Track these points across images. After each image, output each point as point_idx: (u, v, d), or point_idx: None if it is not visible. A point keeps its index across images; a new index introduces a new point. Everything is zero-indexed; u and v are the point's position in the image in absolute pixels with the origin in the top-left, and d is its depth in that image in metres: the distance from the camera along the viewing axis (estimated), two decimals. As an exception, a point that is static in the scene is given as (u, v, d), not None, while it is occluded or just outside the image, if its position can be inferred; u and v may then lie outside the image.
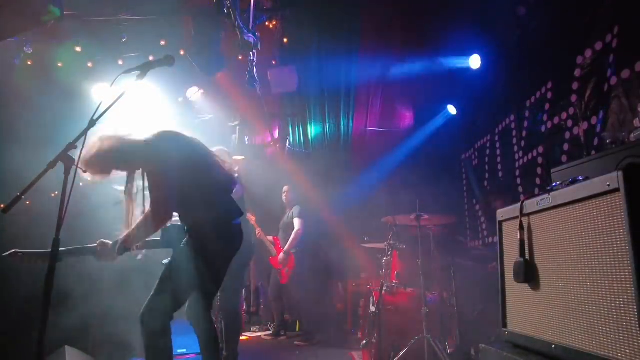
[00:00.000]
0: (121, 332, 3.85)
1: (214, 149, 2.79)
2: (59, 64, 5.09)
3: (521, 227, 1.66)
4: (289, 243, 5.05)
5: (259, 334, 5.70)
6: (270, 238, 5.27)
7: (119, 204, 2.41)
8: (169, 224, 2.30)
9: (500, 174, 4.68)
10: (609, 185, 1.24)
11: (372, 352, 3.53)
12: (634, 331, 1.14)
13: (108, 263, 2.26)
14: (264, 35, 5.58)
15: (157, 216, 2.16)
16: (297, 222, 5.13)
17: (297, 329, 5.60)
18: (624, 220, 1.19)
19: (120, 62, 5.14)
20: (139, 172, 2.29)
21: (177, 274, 2.24)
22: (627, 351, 1.16)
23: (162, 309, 2.19)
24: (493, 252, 3.10)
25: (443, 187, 5.97)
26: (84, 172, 2.10)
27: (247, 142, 6.88)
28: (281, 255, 5.06)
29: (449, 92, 5.67)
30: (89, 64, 5.20)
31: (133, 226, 2.20)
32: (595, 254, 1.30)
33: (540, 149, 3.79)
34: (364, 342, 3.81)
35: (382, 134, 6.88)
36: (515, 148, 4.29)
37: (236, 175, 2.92)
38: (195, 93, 5.86)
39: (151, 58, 4.77)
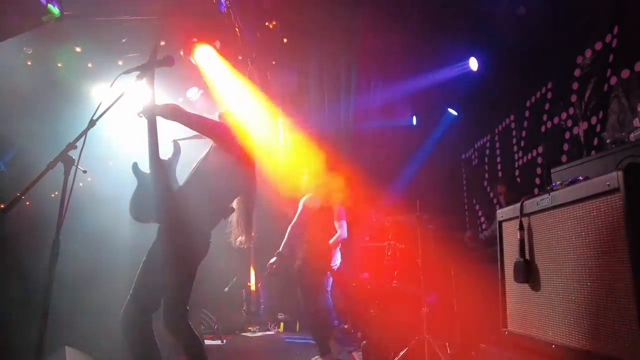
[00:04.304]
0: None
1: None
2: (59, 64, 5.09)
3: (521, 227, 1.66)
4: (329, 244, 4.98)
5: (259, 334, 5.70)
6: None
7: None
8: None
9: (500, 174, 4.68)
10: (609, 185, 1.24)
11: (372, 352, 3.53)
12: (634, 331, 1.14)
13: (143, 113, 2.28)
14: (264, 35, 5.59)
15: (195, 115, 2.31)
16: (339, 225, 5.01)
17: (298, 329, 5.60)
18: (623, 220, 1.19)
19: (121, 63, 5.14)
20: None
21: (150, 275, 2.19)
22: (627, 351, 1.16)
23: (138, 311, 2.14)
24: (493, 251, 3.10)
25: (443, 187, 5.98)
26: (84, 172, 2.10)
27: None
28: None
29: (449, 93, 5.67)
30: (89, 64, 5.20)
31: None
32: (595, 254, 1.30)
33: (540, 149, 3.79)
34: (364, 342, 3.81)
35: (383, 133, 6.87)
36: (515, 148, 4.30)
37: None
38: (195, 93, 5.86)
39: (151, 58, 4.76)
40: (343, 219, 5.06)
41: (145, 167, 2.36)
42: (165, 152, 2.42)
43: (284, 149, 6.60)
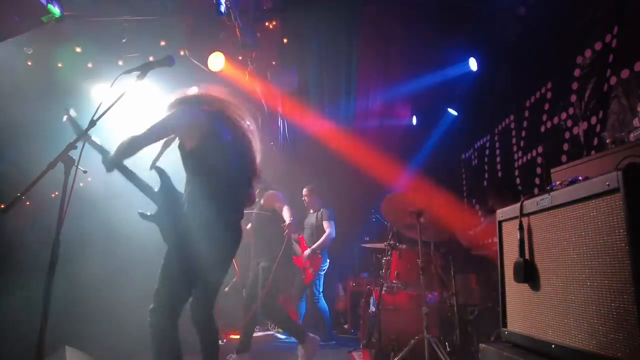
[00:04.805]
0: (121, 331, 3.86)
1: None
2: (59, 64, 5.09)
3: (521, 227, 1.66)
4: (318, 243, 5.03)
5: (259, 333, 5.70)
6: (294, 236, 5.10)
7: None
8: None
9: (500, 174, 4.69)
10: (608, 185, 1.24)
11: (372, 352, 3.53)
12: (634, 331, 1.14)
13: (107, 171, 2.28)
14: (264, 35, 5.59)
15: (134, 137, 2.22)
16: (328, 225, 5.13)
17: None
18: (623, 220, 1.19)
19: (121, 63, 5.14)
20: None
21: (177, 261, 2.19)
22: (627, 351, 1.16)
23: (167, 305, 2.14)
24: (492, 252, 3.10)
25: (443, 187, 5.98)
26: (84, 172, 2.09)
27: None
28: (307, 252, 5.02)
29: (449, 93, 5.67)
30: (89, 65, 5.20)
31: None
32: (595, 254, 1.30)
33: (540, 149, 3.79)
34: (364, 342, 3.81)
35: (382, 133, 6.88)
36: (515, 148, 4.30)
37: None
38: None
39: (151, 58, 4.78)
40: (332, 220, 5.13)
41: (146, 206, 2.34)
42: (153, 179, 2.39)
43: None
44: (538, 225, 1.60)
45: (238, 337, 4.31)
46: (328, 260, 5.26)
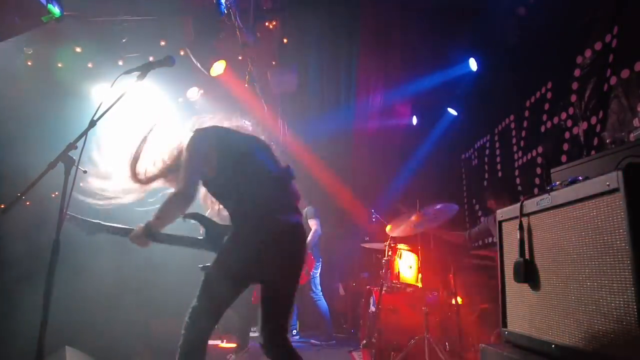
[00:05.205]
0: (122, 332, 3.86)
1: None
2: (59, 65, 5.09)
3: (521, 227, 1.66)
4: (307, 242, 5.07)
5: (257, 333, 5.70)
6: None
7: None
8: (215, 219, 2.18)
9: (500, 174, 4.69)
10: (608, 185, 1.24)
11: (372, 352, 3.53)
12: (634, 331, 1.14)
13: (142, 247, 2.09)
14: (264, 35, 5.59)
15: (177, 193, 1.99)
16: (313, 222, 5.15)
17: (298, 329, 5.60)
18: (623, 220, 1.19)
19: (121, 63, 5.14)
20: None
21: (219, 277, 1.99)
22: (627, 351, 1.16)
23: (203, 320, 1.99)
24: (493, 251, 3.11)
25: (443, 187, 5.98)
26: (84, 172, 2.07)
27: None
28: None
29: (449, 93, 5.67)
30: (89, 65, 5.20)
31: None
32: (595, 254, 1.30)
33: (540, 149, 3.80)
34: (364, 342, 3.81)
35: (383, 133, 6.87)
36: (515, 148, 4.30)
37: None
38: (195, 93, 5.85)
39: (151, 59, 4.78)
40: (317, 217, 5.17)
41: None
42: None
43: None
44: (538, 225, 1.61)
45: (234, 345, 4.32)
46: (321, 259, 5.27)
